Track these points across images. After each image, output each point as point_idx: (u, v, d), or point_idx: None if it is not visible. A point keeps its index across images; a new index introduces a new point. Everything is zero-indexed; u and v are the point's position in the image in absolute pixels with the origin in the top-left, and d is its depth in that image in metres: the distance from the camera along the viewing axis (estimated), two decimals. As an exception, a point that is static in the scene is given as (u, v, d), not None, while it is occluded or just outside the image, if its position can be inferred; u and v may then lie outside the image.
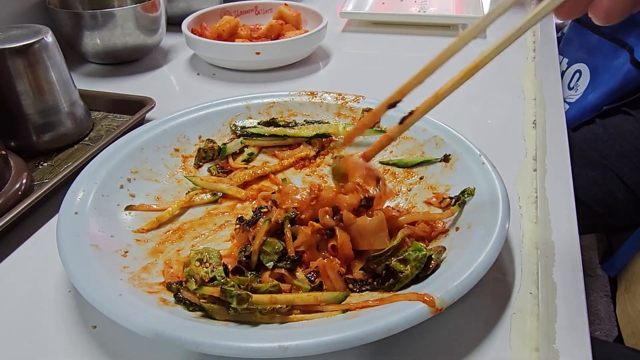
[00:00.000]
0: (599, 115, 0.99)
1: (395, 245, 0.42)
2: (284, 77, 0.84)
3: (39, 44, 0.59)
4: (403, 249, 0.42)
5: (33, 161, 0.61)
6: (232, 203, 0.54)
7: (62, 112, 0.63)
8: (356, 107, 0.63)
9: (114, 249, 0.45)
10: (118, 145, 0.55)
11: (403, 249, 0.42)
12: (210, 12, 0.94)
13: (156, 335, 0.34)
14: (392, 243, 0.42)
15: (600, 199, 0.93)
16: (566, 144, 0.62)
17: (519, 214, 0.52)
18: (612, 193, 0.93)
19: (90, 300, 0.37)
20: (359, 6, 1.09)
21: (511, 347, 0.39)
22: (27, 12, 0.85)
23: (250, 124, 0.62)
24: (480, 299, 0.42)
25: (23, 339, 0.41)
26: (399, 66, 0.88)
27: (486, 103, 0.74)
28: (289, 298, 0.39)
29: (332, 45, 0.96)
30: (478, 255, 0.39)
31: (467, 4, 1.09)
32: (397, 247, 0.42)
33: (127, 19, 0.81)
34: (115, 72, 0.87)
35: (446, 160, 0.54)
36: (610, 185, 0.93)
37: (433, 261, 0.41)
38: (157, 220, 0.50)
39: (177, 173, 0.57)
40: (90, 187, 0.49)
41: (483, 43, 0.97)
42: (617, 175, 0.92)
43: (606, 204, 0.93)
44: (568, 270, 0.43)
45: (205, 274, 0.41)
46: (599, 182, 0.93)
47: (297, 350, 0.33)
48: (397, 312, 0.35)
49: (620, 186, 0.92)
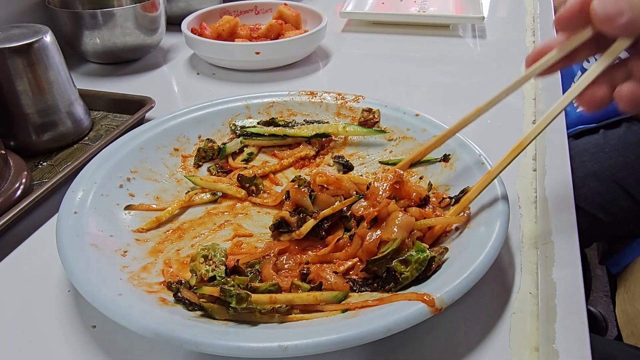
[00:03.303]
0: (604, 126, 0.99)
1: (395, 248, 0.41)
2: (283, 77, 0.84)
3: (38, 44, 0.59)
4: (404, 251, 0.42)
5: (32, 160, 0.61)
6: (232, 203, 0.54)
7: (61, 112, 0.63)
8: (356, 107, 0.63)
9: (114, 249, 0.45)
10: (117, 145, 0.55)
11: (404, 251, 0.42)
12: (210, 11, 0.94)
13: (156, 334, 0.34)
14: (392, 246, 0.41)
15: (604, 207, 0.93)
16: (566, 144, 0.62)
17: (519, 214, 0.52)
18: (616, 202, 0.92)
19: (90, 299, 0.37)
20: (359, 6, 1.09)
21: (511, 347, 0.39)
22: (27, 12, 0.85)
23: (249, 123, 0.62)
24: (480, 299, 0.42)
25: (22, 338, 0.41)
26: (399, 66, 0.88)
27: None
28: (288, 298, 0.39)
29: (332, 45, 0.96)
30: (478, 255, 0.39)
31: (467, 4, 1.09)
32: (397, 250, 0.41)
33: (127, 18, 0.81)
34: (115, 72, 0.87)
35: (446, 160, 0.54)
36: (614, 194, 0.92)
37: (434, 263, 0.41)
38: (157, 219, 0.50)
39: (176, 173, 0.57)
40: (90, 187, 0.49)
41: (483, 44, 0.97)
42: (620, 186, 0.92)
43: (610, 212, 0.93)
44: (568, 270, 0.43)
45: (206, 272, 0.41)
46: (602, 192, 0.92)
47: (297, 349, 0.33)
48: (396, 312, 0.35)
49: (625, 196, 0.92)
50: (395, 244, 0.42)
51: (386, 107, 0.62)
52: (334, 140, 0.62)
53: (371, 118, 0.62)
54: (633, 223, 0.95)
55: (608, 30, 0.38)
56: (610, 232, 0.99)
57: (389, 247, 0.42)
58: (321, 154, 0.61)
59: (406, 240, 0.43)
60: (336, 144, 0.62)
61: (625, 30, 0.38)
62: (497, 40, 0.99)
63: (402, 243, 0.42)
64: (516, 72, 0.83)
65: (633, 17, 0.36)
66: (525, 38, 0.97)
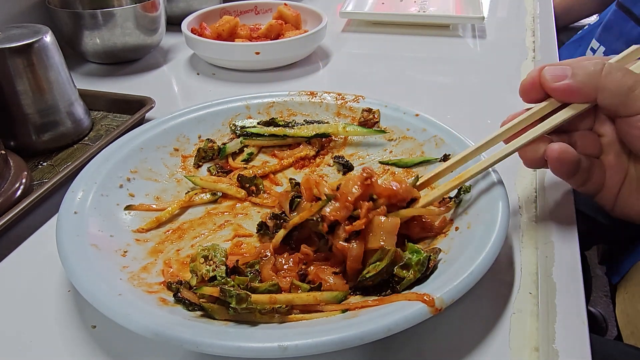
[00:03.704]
0: None
1: (389, 263, 0.40)
2: (283, 77, 0.84)
3: (38, 44, 0.59)
4: (398, 261, 0.41)
5: (32, 161, 0.61)
6: (232, 203, 0.54)
7: (61, 112, 0.63)
8: (356, 107, 0.63)
9: (114, 249, 0.45)
10: (117, 145, 0.55)
11: (398, 261, 0.41)
12: (210, 12, 0.94)
13: (156, 335, 0.34)
14: (386, 261, 0.40)
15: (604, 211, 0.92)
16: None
17: (519, 214, 0.52)
18: None
19: (90, 299, 0.37)
20: (359, 6, 1.09)
21: (511, 347, 0.39)
22: (27, 12, 0.85)
23: (249, 123, 0.62)
24: (480, 299, 0.42)
25: (22, 338, 0.41)
26: (399, 66, 0.88)
27: (486, 103, 0.74)
28: (288, 298, 0.39)
29: (332, 45, 0.96)
30: (478, 255, 0.39)
31: (467, 4, 1.09)
32: (390, 264, 0.40)
33: (127, 18, 0.81)
34: (115, 72, 0.87)
35: (446, 160, 0.54)
36: None
37: (431, 261, 0.41)
38: (157, 220, 0.50)
39: (176, 173, 0.57)
40: (90, 187, 0.49)
41: (483, 44, 0.97)
42: None
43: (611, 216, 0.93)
44: (568, 270, 0.43)
45: (206, 272, 0.41)
46: None
47: (297, 350, 0.33)
48: (396, 312, 0.35)
49: None
50: (388, 258, 0.40)
51: (386, 107, 0.62)
52: (334, 140, 0.62)
53: (371, 118, 0.62)
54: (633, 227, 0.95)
55: (555, 93, 0.42)
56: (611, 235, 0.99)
57: (378, 259, 0.40)
58: (321, 154, 0.61)
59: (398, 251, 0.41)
60: (336, 144, 0.62)
61: (568, 93, 0.41)
62: (497, 40, 0.99)
63: (395, 254, 0.40)
64: (516, 72, 0.83)
65: (573, 82, 0.41)
66: (525, 38, 0.97)
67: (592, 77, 0.40)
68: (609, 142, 0.44)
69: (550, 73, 0.42)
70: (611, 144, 0.44)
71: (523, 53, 0.90)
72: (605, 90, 0.40)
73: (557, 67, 0.42)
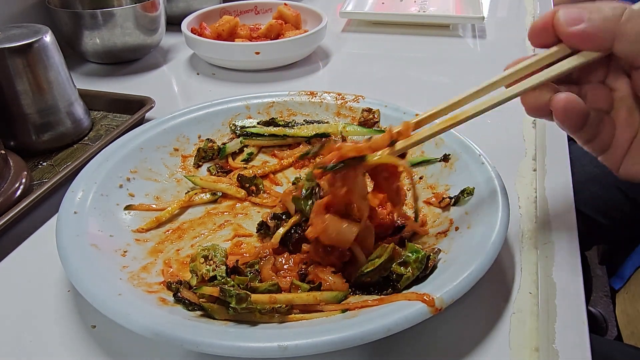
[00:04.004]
0: None
1: (387, 259, 0.41)
2: (283, 77, 0.84)
3: (38, 44, 0.59)
4: (396, 259, 0.41)
5: (32, 160, 0.61)
6: (232, 203, 0.54)
7: (61, 112, 0.63)
8: (356, 107, 0.63)
9: (114, 249, 0.45)
10: (117, 145, 0.55)
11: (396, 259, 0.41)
12: (210, 11, 0.94)
13: (155, 334, 0.34)
14: (383, 258, 0.41)
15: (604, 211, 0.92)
16: (566, 144, 0.62)
17: (519, 214, 0.52)
18: (616, 206, 0.92)
19: (90, 299, 0.37)
20: (359, 6, 1.09)
21: (511, 346, 0.39)
22: (26, 12, 0.85)
23: (249, 123, 0.62)
24: (480, 299, 0.42)
25: (22, 338, 0.41)
26: (399, 66, 0.88)
27: (486, 103, 0.74)
28: (288, 298, 0.39)
29: (332, 45, 0.96)
30: (478, 255, 0.39)
31: (467, 4, 1.09)
32: (388, 260, 0.41)
33: (127, 18, 0.81)
34: (114, 72, 0.87)
35: (446, 160, 0.54)
36: (615, 199, 0.92)
37: (430, 260, 0.41)
38: (157, 219, 0.50)
39: (176, 173, 0.57)
40: (90, 187, 0.49)
41: (483, 44, 0.97)
42: (621, 190, 0.91)
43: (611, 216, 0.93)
44: (568, 271, 0.43)
45: (207, 272, 0.41)
46: (603, 196, 0.92)
47: (297, 349, 0.33)
48: (396, 311, 0.35)
49: (625, 200, 0.91)
50: (387, 254, 0.41)
51: (386, 107, 0.62)
52: (334, 140, 0.62)
53: (371, 118, 0.62)
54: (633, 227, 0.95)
55: (568, 37, 0.38)
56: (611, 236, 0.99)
57: (377, 255, 0.41)
58: (321, 154, 0.61)
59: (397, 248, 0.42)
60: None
61: (583, 38, 0.38)
62: (497, 40, 0.99)
63: (394, 251, 0.41)
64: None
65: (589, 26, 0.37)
66: (525, 38, 0.97)
67: (610, 22, 0.36)
68: (621, 97, 0.40)
69: (566, 16, 0.38)
70: (624, 99, 0.40)
71: (523, 53, 0.90)
72: (624, 37, 0.36)
73: (573, 10, 0.38)
